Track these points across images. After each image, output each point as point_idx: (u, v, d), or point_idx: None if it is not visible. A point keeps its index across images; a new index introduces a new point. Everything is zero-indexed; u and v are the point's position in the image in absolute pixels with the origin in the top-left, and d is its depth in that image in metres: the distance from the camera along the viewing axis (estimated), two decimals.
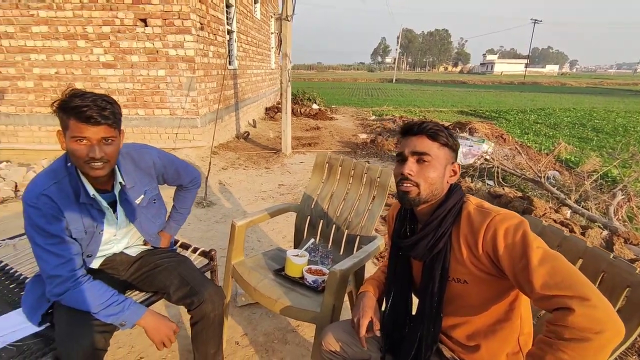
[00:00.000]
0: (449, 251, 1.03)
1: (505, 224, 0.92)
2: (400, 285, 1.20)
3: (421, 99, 20.74)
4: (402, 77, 53.43)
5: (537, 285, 0.82)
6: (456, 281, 1.04)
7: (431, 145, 1.02)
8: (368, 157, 6.31)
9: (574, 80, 51.77)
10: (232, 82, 7.27)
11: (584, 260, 1.15)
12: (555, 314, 0.78)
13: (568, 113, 14.29)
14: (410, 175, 1.02)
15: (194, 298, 1.36)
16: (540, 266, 0.83)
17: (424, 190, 1.02)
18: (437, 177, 1.02)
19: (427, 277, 1.07)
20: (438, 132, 1.02)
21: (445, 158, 1.04)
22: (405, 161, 1.04)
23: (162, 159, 1.47)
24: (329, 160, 2.08)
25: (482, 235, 0.94)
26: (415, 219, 1.14)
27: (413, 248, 1.09)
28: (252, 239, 3.16)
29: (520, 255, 0.87)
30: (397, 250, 1.20)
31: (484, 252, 0.95)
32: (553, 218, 3.13)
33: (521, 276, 0.86)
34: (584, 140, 9.26)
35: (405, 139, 1.07)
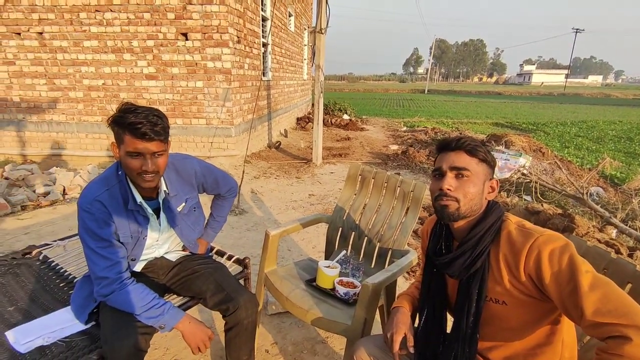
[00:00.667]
0: (487, 271, 1.00)
1: (550, 245, 0.89)
2: (434, 303, 1.18)
3: (454, 110, 20.36)
4: (435, 88, 52.70)
5: (588, 311, 0.78)
6: (494, 302, 1.01)
7: (470, 161, 1.01)
8: (399, 169, 6.25)
9: (619, 92, 49.08)
10: (265, 93, 7.46)
11: (633, 285, 1.08)
12: (609, 342, 0.75)
13: (613, 126, 13.56)
14: (449, 191, 1.01)
15: (229, 304, 1.40)
16: (592, 292, 0.80)
17: (463, 205, 1.01)
18: (477, 192, 1.01)
19: (464, 296, 1.05)
20: (476, 148, 1.02)
21: (484, 174, 1.03)
22: (443, 176, 1.03)
23: (203, 168, 1.54)
24: (362, 172, 2.08)
25: (524, 257, 0.91)
26: (452, 236, 1.12)
27: (449, 266, 1.07)
28: (282, 248, 3.20)
29: (568, 279, 0.84)
30: (431, 267, 1.18)
31: (526, 275, 0.92)
32: (597, 237, 2.97)
33: (569, 301, 0.83)
34: (632, 155, 8.72)
35: (442, 154, 1.06)
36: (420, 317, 1.21)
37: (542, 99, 34.06)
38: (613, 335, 0.74)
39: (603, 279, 0.83)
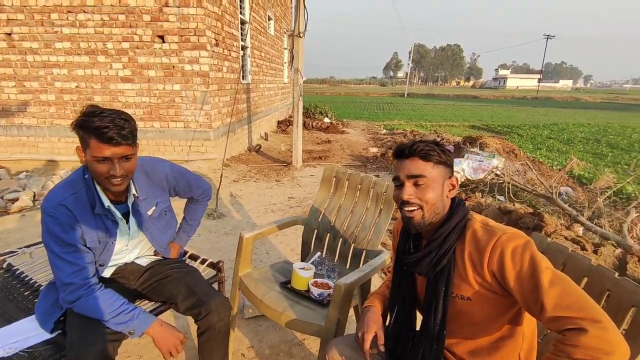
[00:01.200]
0: (453, 268, 1.04)
1: (513, 243, 0.93)
2: (404, 301, 1.20)
3: (433, 113, 20.75)
4: (414, 92, 53.60)
5: (549, 306, 0.84)
6: (460, 298, 1.04)
7: (425, 166, 1.02)
8: (378, 171, 6.33)
9: (588, 96, 51.17)
10: (245, 96, 7.42)
11: (589, 279, 1.14)
12: (566, 334, 0.80)
13: (582, 128, 14.11)
14: (410, 200, 1.03)
15: (201, 308, 1.39)
16: (551, 288, 0.85)
17: (427, 211, 1.03)
18: (437, 196, 1.03)
19: (431, 294, 1.08)
20: (429, 152, 1.02)
21: (442, 175, 1.05)
22: (402, 186, 1.05)
23: (174, 172, 1.53)
24: (336, 174, 2.11)
25: (488, 255, 0.95)
26: (420, 235, 1.16)
27: (417, 264, 1.10)
28: (260, 251, 3.19)
29: (529, 276, 0.89)
30: (401, 265, 1.21)
31: (489, 271, 0.96)
32: (564, 235, 3.09)
33: (531, 297, 0.88)
34: (599, 156, 9.11)
35: (399, 162, 1.07)
36: (390, 315, 1.23)
37: (517, 103, 35.13)
38: (570, 327, 0.79)
39: (561, 275, 0.88)
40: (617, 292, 1.05)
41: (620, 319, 1.03)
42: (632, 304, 1.00)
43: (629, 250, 3.15)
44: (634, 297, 1.00)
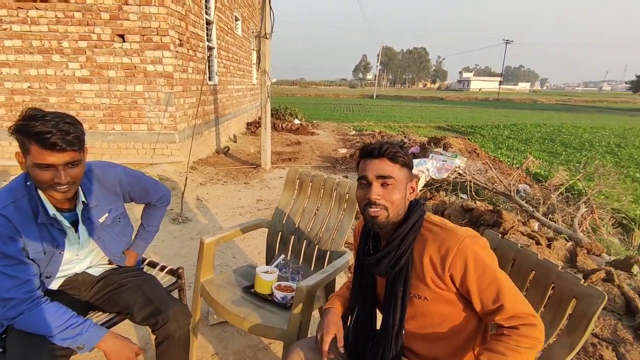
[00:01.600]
0: (411, 268, 1.06)
1: (475, 248, 0.98)
2: (364, 301, 1.22)
3: (400, 114, 21.21)
4: (383, 93, 54.57)
5: (508, 307, 0.94)
6: (417, 297, 1.07)
7: (393, 168, 1.04)
8: (347, 172, 6.39)
9: (544, 98, 54.03)
10: (212, 98, 7.28)
11: (536, 272, 1.20)
12: (521, 328, 0.93)
13: (539, 128, 14.87)
14: (377, 200, 1.04)
15: (158, 317, 1.34)
16: (509, 291, 0.96)
17: (391, 212, 1.05)
18: (401, 197, 1.05)
19: (390, 294, 1.10)
20: (397, 155, 1.05)
21: (406, 178, 1.07)
22: (370, 185, 1.05)
23: (129, 176, 1.47)
24: (300, 176, 2.11)
25: (451, 259, 0.98)
26: (379, 236, 1.17)
27: (376, 265, 1.11)
28: (227, 256, 3.13)
29: (490, 281, 0.96)
30: (361, 266, 1.22)
31: (449, 274, 0.99)
32: (521, 231, 3.24)
33: (490, 299, 0.97)
34: (553, 154, 9.64)
35: (366, 161, 1.07)
36: (351, 316, 1.24)
37: (479, 104, 36.55)
38: (525, 323, 0.93)
39: (507, 276, 1.00)
40: (560, 284, 1.11)
41: (563, 309, 1.09)
42: (573, 295, 1.06)
43: (579, 243, 3.35)
44: (574, 289, 1.06)
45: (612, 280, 2.57)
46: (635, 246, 4.25)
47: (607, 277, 2.60)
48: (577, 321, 1.03)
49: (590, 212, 4.18)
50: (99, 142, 5.45)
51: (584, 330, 1.00)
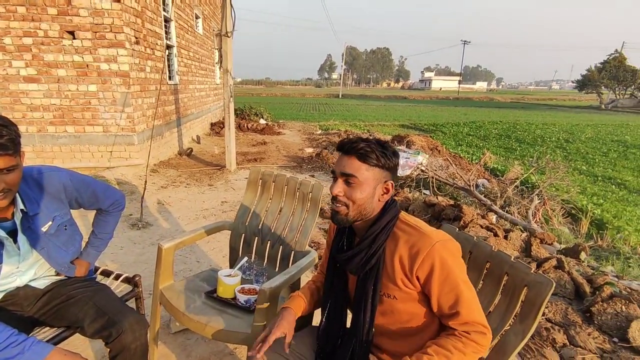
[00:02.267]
0: (382, 267, 1.06)
1: (444, 254, 0.99)
2: (336, 299, 1.21)
3: (366, 113, 21.53)
4: (348, 93, 55.17)
5: (464, 314, 0.98)
6: (387, 296, 1.07)
7: (359, 167, 1.02)
8: (313, 171, 6.39)
9: (500, 96, 56.78)
10: (173, 98, 7.03)
11: (491, 263, 1.25)
12: (472, 334, 0.97)
13: (496, 126, 15.60)
14: (339, 196, 1.04)
15: (112, 329, 1.27)
16: (466, 300, 0.99)
17: (352, 210, 1.05)
18: (365, 198, 1.04)
19: (360, 292, 1.10)
20: (368, 154, 1.02)
21: (375, 178, 1.04)
22: (336, 180, 1.06)
23: (75, 181, 1.38)
24: (263, 176, 2.07)
25: (420, 261, 0.99)
26: (354, 233, 1.17)
27: (348, 263, 1.12)
28: (190, 260, 3.03)
29: (451, 288, 0.99)
30: (334, 263, 1.21)
31: (416, 276, 1.01)
32: (480, 224, 3.37)
33: (448, 304, 1.00)
34: (509, 150, 10.15)
35: (339, 156, 1.08)
36: (322, 313, 1.23)
37: (441, 103, 37.83)
38: (476, 331, 0.97)
39: (470, 286, 1.02)
40: (513, 273, 1.16)
41: (516, 298, 1.13)
42: (525, 284, 1.11)
43: (533, 234, 3.54)
44: (526, 278, 1.11)
45: (562, 268, 2.73)
46: (583, 234, 4.55)
47: (558, 264, 2.76)
48: (529, 308, 1.07)
49: (543, 203, 4.43)
50: (49, 146, 5.12)
51: (535, 317, 1.05)
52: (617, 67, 37.61)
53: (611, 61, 38.23)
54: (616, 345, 2.20)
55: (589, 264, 3.08)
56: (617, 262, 3.49)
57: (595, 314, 2.39)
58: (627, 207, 5.77)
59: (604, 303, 2.43)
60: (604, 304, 2.43)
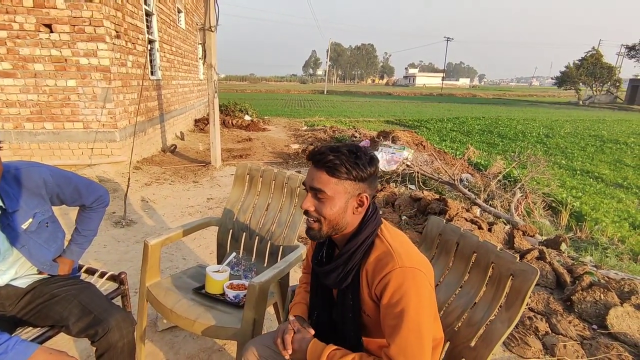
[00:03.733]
0: (359, 285, 1.02)
1: (400, 281, 0.91)
2: (323, 306, 1.18)
3: (351, 109, 21.59)
4: (333, 89, 55.18)
5: (393, 350, 0.91)
6: (365, 314, 1.04)
7: (328, 180, 0.95)
8: (300, 167, 6.38)
9: (482, 92, 57.70)
10: (155, 93, 6.90)
11: (477, 254, 1.27)
12: None
13: (478, 121, 15.86)
14: (309, 210, 0.99)
15: (98, 328, 1.24)
16: (403, 338, 0.90)
17: (325, 225, 0.99)
18: (336, 213, 0.98)
19: (341, 307, 1.07)
20: (337, 167, 0.94)
21: (346, 192, 0.97)
22: (307, 194, 1.01)
23: (56, 176, 1.34)
24: (250, 172, 2.06)
25: (377, 280, 0.95)
26: (334, 244, 1.12)
27: (325, 277, 1.08)
28: (177, 257, 2.99)
29: (394, 316, 0.92)
30: (316, 273, 1.17)
31: (375, 294, 0.98)
32: (464, 217, 3.43)
33: (387, 330, 0.94)
34: (492, 145, 10.34)
35: (310, 167, 1.01)
36: (310, 318, 1.20)
37: (425, 99, 38.23)
38: None
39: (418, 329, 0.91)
40: (499, 263, 1.18)
41: (502, 287, 1.16)
42: (510, 273, 1.13)
43: (516, 226, 3.63)
44: (511, 267, 1.14)
45: (544, 258, 2.80)
46: (563, 226, 4.68)
47: (540, 255, 2.84)
48: (515, 297, 1.10)
49: (525, 197, 4.54)
50: (26, 143, 4.96)
51: (520, 305, 1.08)
52: (594, 64, 38.70)
53: (588, 58, 39.29)
54: (595, 332, 2.28)
55: (569, 255, 3.18)
56: (596, 253, 3.61)
57: (576, 303, 2.47)
58: (604, 199, 5.97)
59: (583, 292, 2.51)
60: (583, 292, 2.51)
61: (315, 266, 1.13)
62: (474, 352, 1.15)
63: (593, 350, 2.09)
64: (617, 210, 5.47)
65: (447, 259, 1.38)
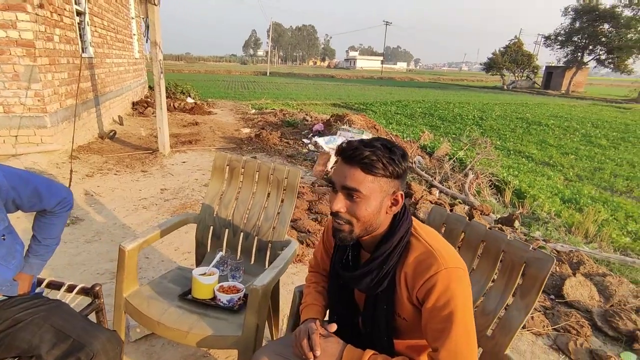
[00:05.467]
0: (394, 289, 0.97)
1: (447, 282, 0.88)
2: (344, 312, 1.11)
3: (296, 92, 21.31)
4: (276, 71, 54.00)
5: (442, 355, 0.87)
6: (400, 317, 1.00)
7: (364, 179, 0.88)
8: (255, 152, 6.16)
9: (419, 76, 60.25)
10: (88, 73, 6.15)
11: (486, 243, 1.28)
12: None
13: (419, 104, 16.54)
14: (340, 212, 0.92)
15: (80, 354, 1.06)
16: (453, 342, 0.87)
17: (357, 228, 0.93)
18: (371, 213, 0.91)
19: (371, 313, 1.01)
20: (373, 163, 0.87)
21: (382, 190, 0.90)
22: (336, 193, 0.92)
23: (10, 178, 1.11)
24: (230, 163, 1.90)
25: (421, 283, 0.90)
26: (360, 246, 1.05)
27: (356, 282, 1.00)
28: (145, 260, 2.72)
29: (442, 320, 0.88)
30: (338, 277, 1.09)
31: (416, 296, 0.93)
32: (429, 199, 3.55)
33: (432, 335, 0.90)
34: (434, 127, 10.85)
35: (340, 162, 0.93)
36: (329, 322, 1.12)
37: (366, 82, 38.93)
38: None
39: (466, 330, 0.88)
40: (510, 251, 1.20)
41: (515, 274, 1.18)
42: (524, 261, 1.16)
43: (473, 206, 3.83)
44: (524, 255, 1.16)
45: None
46: (507, 203, 5.07)
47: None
48: (531, 284, 1.13)
49: (476, 177, 4.82)
50: None
51: (537, 292, 1.11)
52: (516, 51, 42.02)
53: (511, 46, 42.53)
54: (554, 302, 2.50)
55: (522, 231, 3.44)
56: (539, 227, 3.96)
57: None
58: (537, 177, 6.56)
59: None
60: None
61: (342, 271, 1.05)
62: (492, 341, 1.17)
63: (555, 319, 2.29)
64: (548, 187, 6.05)
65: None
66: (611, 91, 43.32)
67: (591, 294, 2.50)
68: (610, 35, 33.95)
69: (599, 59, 36.25)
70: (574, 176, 6.99)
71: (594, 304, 2.45)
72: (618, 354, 2.06)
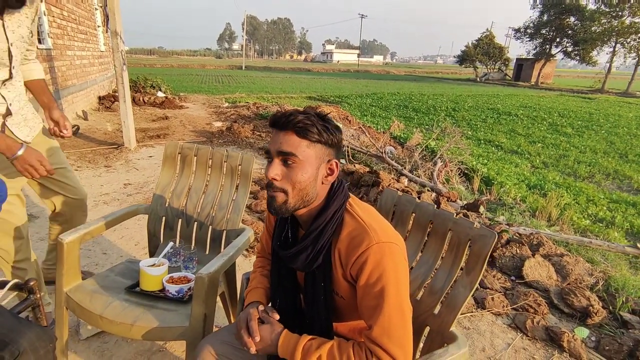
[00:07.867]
0: (331, 265, 0.95)
1: (378, 257, 0.86)
2: (286, 293, 1.09)
3: (272, 85, 21.10)
4: (251, 64, 53.29)
5: (376, 331, 0.85)
6: (338, 295, 0.98)
7: (300, 143, 0.87)
8: (226, 145, 6.04)
9: (395, 69, 60.89)
10: (47, 65, 5.85)
11: (434, 223, 1.28)
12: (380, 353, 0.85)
13: (394, 97, 16.70)
14: (275, 180, 0.89)
15: (4, 354, 0.99)
16: (386, 317, 0.85)
17: (292, 197, 0.90)
18: (307, 180, 0.89)
19: (310, 291, 0.99)
20: (308, 127, 0.86)
21: (318, 157, 0.90)
22: (272, 161, 0.90)
23: None
24: (182, 151, 1.83)
25: (353, 259, 0.89)
26: (297, 223, 1.03)
27: (292, 260, 0.98)
28: (95, 253, 2.62)
29: (375, 296, 0.86)
30: (278, 257, 1.07)
31: (349, 272, 0.92)
32: (396, 187, 3.57)
33: (366, 312, 0.89)
34: (408, 118, 10.99)
35: (274, 132, 0.91)
36: (273, 306, 1.09)
37: (343, 75, 38.99)
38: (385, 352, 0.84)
39: (399, 306, 0.86)
40: (457, 230, 1.20)
41: (461, 252, 1.18)
42: (469, 238, 1.16)
43: (440, 193, 3.89)
44: (469, 232, 1.16)
45: None
46: (476, 190, 5.18)
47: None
48: (474, 261, 1.13)
49: (445, 165, 4.89)
50: None
51: (481, 268, 1.11)
52: (488, 44, 43.02)
53: (484, 39, 43.50)
54: (514, 282, 2.56)
55: (487, 216, 3.52)
56: (504, 212, 4.06)
57: (497, 258, 2.75)
58: (505, 165, 6.75)
59: (502, 248, 2.80)
60: (502, 249, 2.79)
61: (279, 249, 1.03)
62: (438, 319, 1.17)
63: (514, 298, 2.35)
64: (516, 174, 6.24)
65: (404, 230, 1.37)
66: (578, 82, 45.03)
67: (549, 274, 2.58)
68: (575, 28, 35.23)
69: (565, 51, 37.57)
70: (540, 163, 7.23)
71: (552, 283, 2.53)
72: (572, 329, 2.13)
